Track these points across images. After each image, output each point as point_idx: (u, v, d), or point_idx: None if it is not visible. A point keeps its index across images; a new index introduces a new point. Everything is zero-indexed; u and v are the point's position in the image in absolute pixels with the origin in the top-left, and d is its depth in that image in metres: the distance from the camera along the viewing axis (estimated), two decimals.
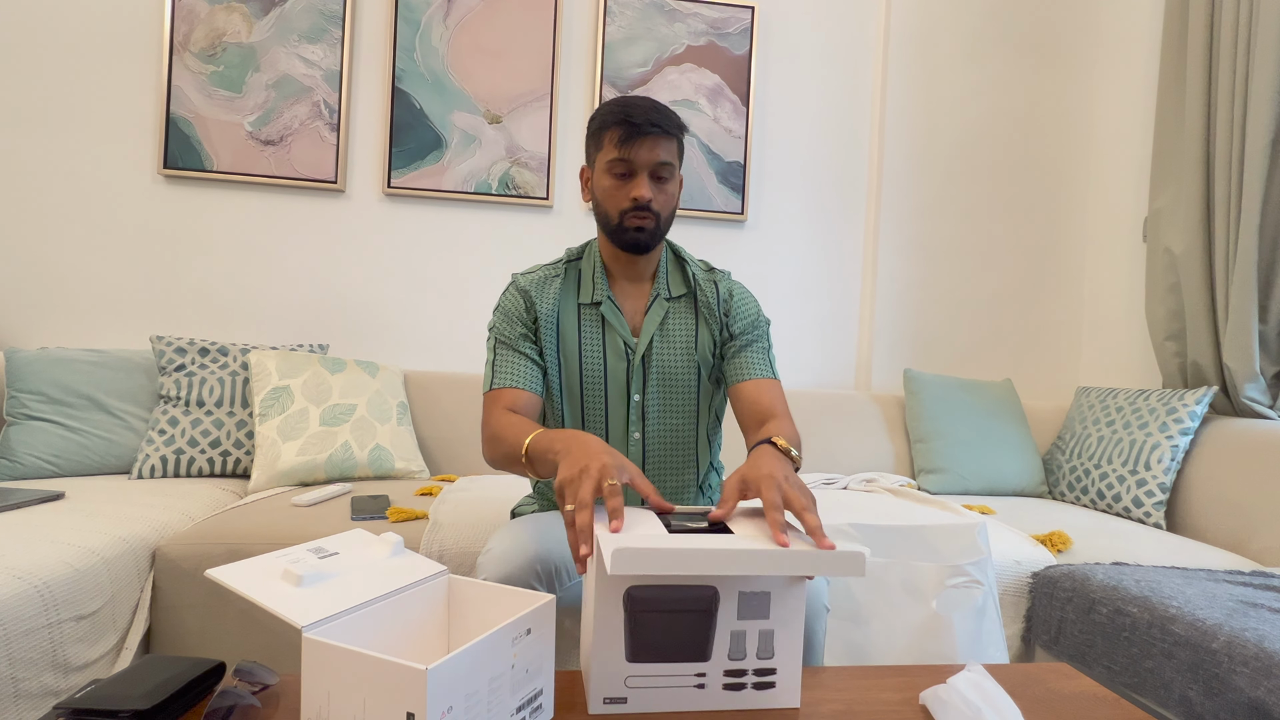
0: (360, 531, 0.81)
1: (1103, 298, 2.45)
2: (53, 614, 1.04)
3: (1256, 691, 0.97)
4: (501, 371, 1.07)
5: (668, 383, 1.11)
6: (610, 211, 1.06)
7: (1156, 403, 1.89)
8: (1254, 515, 1.64)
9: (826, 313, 2.47)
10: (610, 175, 1.04)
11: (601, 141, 1.05)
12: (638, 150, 1.02)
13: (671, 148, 1.05)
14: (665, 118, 1.03)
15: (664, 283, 1.14)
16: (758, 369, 1.10)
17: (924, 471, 2.11)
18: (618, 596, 0.68)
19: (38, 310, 2.03)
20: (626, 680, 0.70)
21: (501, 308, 1.11)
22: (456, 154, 2.19)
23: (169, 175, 2.07)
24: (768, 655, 0.72)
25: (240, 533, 1.33)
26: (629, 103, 1.03)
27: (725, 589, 0.70)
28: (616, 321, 1.10)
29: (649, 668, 0.70)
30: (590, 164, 1.11)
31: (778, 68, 2.40)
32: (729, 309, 1.14)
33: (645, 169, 1.03)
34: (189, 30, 2.05)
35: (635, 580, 0.68)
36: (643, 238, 1.05)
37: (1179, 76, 2.03)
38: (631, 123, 1.00)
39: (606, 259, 1.13)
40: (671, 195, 1.07)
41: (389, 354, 2.21)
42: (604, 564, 0.65)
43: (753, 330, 1.13)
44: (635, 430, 1.11)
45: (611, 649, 0.69)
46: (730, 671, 0.71)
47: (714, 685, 0.71)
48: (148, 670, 0.69)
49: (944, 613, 1.26)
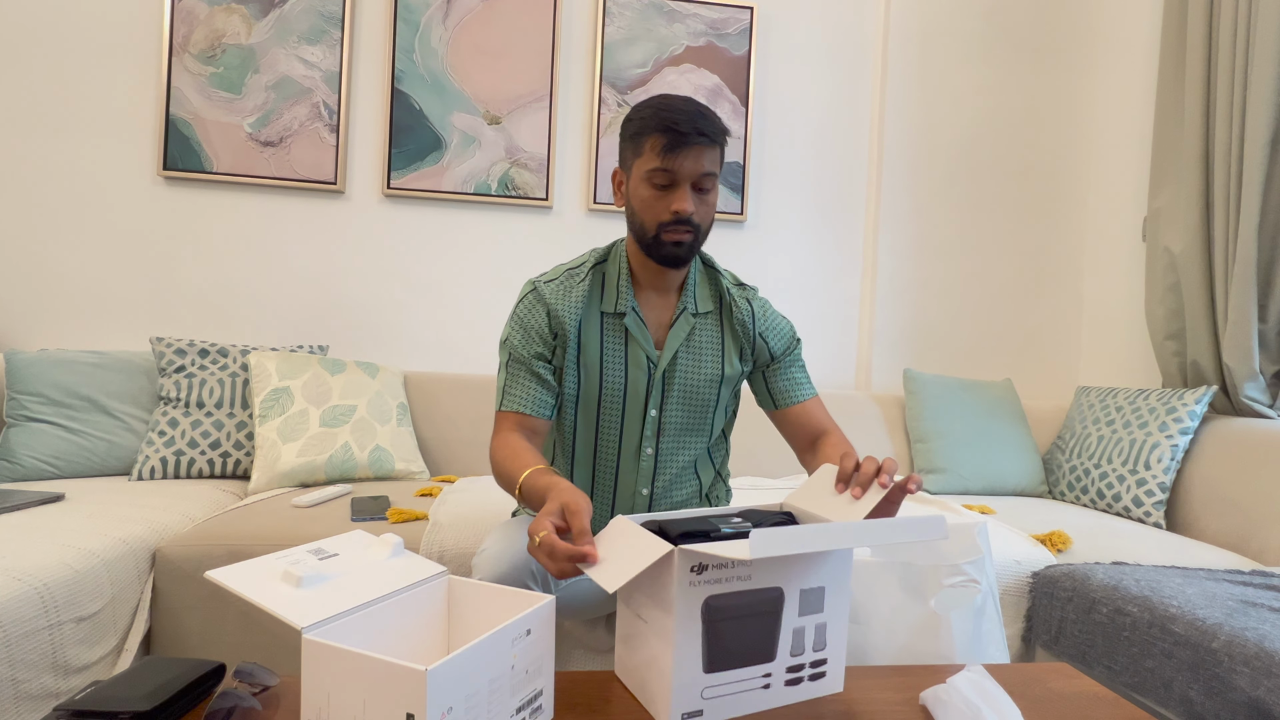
0: (360, 533, 0.81)
1: (1102, 297, 2.45)
2: (53, 615, 1.04)
3: (1257, 691, 0.97)
4: (512, 394, 1.04)
5: (688, 399, 1.08)
6: (647, 223, 1.00)
7: (1156, 402, 1.89)
8: (1254, 514, 1.64)
9: (826, 312, 2.47)
10: (650, 185, 0.98)
11: (641, 147, 0.98)
12: (681, 161, 0.95)
13: (715, 156, 0.99)
14: (711, 124, 0.97)
15: (692, 296, 1.08)
16: (804, 389, 1.12)
17: (924, 471, 2.10)
18: (697, 608, 0.68)
19: (38, 312, 2.03)
20: (703, 692, 0.70)
21: (519, 319, 1.06)
22: (456, 155, 2.19)
23: (169, 177, 2.07)
24: (821, 647, 0.74)
25: (240, 534, 1.33)
26: (672, 107, 0.96)
27: (789, 588, 0.71)
28: (640, 335, 1.06)
29: (723, 676, 0.71)
30: (625, 168, 1.04)
31: (777, 68, 2.40)
32: (765, 329, 1.10)
33: (688, 180, 0.97)
34: (188, 32, 2.05)
35: (714, 590, 0.69)
36: (681, 252, 1.00)
37: (1178, 75, 2.03)
38: (677, 131, 0.94)
39: (634, 266, 1.07)
40: (712, 206, 1.02)
41: (389, 355, 2.21)
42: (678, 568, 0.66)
43: (793, 350, 1.12)
44: (649, 445, 1.08)
45: (690, 662, 0.69)
46: (791, 668, 0.73)
47: (778, 683, 0.73)
48: (148, 672, 0.69)
49: (941, 612, 1.26)
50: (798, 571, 0.72)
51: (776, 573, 0.71)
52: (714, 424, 1.12)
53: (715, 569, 0.68)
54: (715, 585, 0.68)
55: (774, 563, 0.70)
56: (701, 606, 0.68)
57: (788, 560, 0.71)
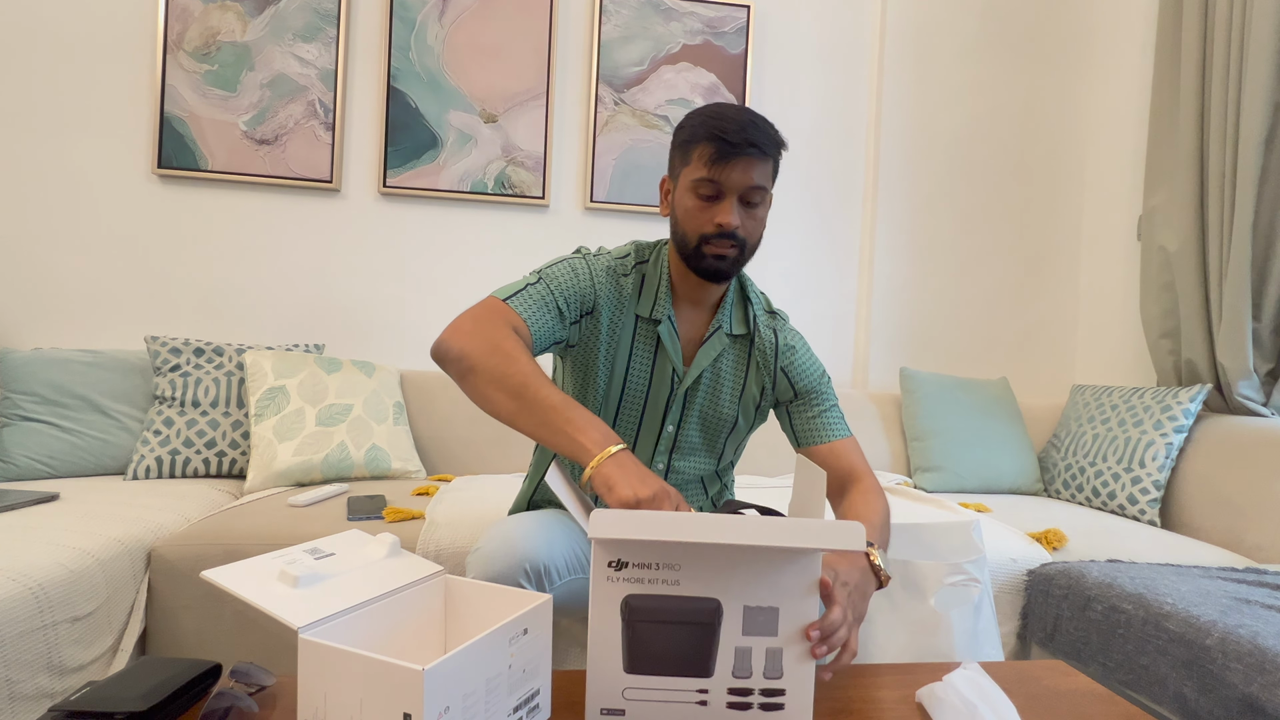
0: (357, 532, 0.81)
1: (1098, 296, 2.46)
2: (48, 616, 1.04)
3: (1250, 687, 0.98)
4: (529, 304, 0.93)
5: (706, 422, 1.06)
6: (689, 234, 0.96)
7: (1151, 400, 1.90)
8: (1247, 512, 1.65)
9: (823, 311, 2.47)
10: (695, 195, 0.94)
11: (689, 156, 0.94)
12: (729, 172, 0.91)
13: (766, 170, 0.94)
14: (763, 135, 0.92)
15: (727, 317, 1.05)
16: (835, 429, 1.06)
17: (920, 469, 2.11)
18: (615, 605, 0.66)
19: (32, 311, 2.02)
20: (624, 692, 0.68)
21: (570, 266, 0.99)
22: (452, 153, 2.19)
23: (163, 175, 2.06)
24: (776, 675, 0.68)
25: (236, 533, 1.33)
26: (723, 115, 0.92)
27: (729, 602, 0.67)
28: (672, 347, 1.02)
29: (648, 680, 0.67)
30: (673, 176, 1.00)
31: (773, 67, 2.40)
32: (788, 365, 1.07)
33: (735, 193, 0.92)
34: (183, 29, 2.04)
35: (634, 589, 0.67)
36: (723, 266, 0.96)
37: (1173, 75, 2.04)
38: (726, 140, 0.90)
39: (674, 275, 1.03)
40: (761, 221, 0.97)
41: (385, 354, 2.21)
42: (594, 559, 0.65)
43: (820, 388, 1.08)
44: (660, 461, 1.06)
45: (609, 659, 0.67)
46: (735, 690, 0.68)
47: (717, 703, 0.68)
48: (144, 672, 0.69)
49: (942, 610, 1.26)
50: (739, 585, 0.67)
51: (710, 583, 0.66)
52: (726, 449, 1.10)
53: (636, 568, 0.66)
54: (636, 585, 0.66)
55: (707, 572, 0.67)
56: (621, 605, 0.66)
57: (724, 572, 0.67)
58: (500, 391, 0.83)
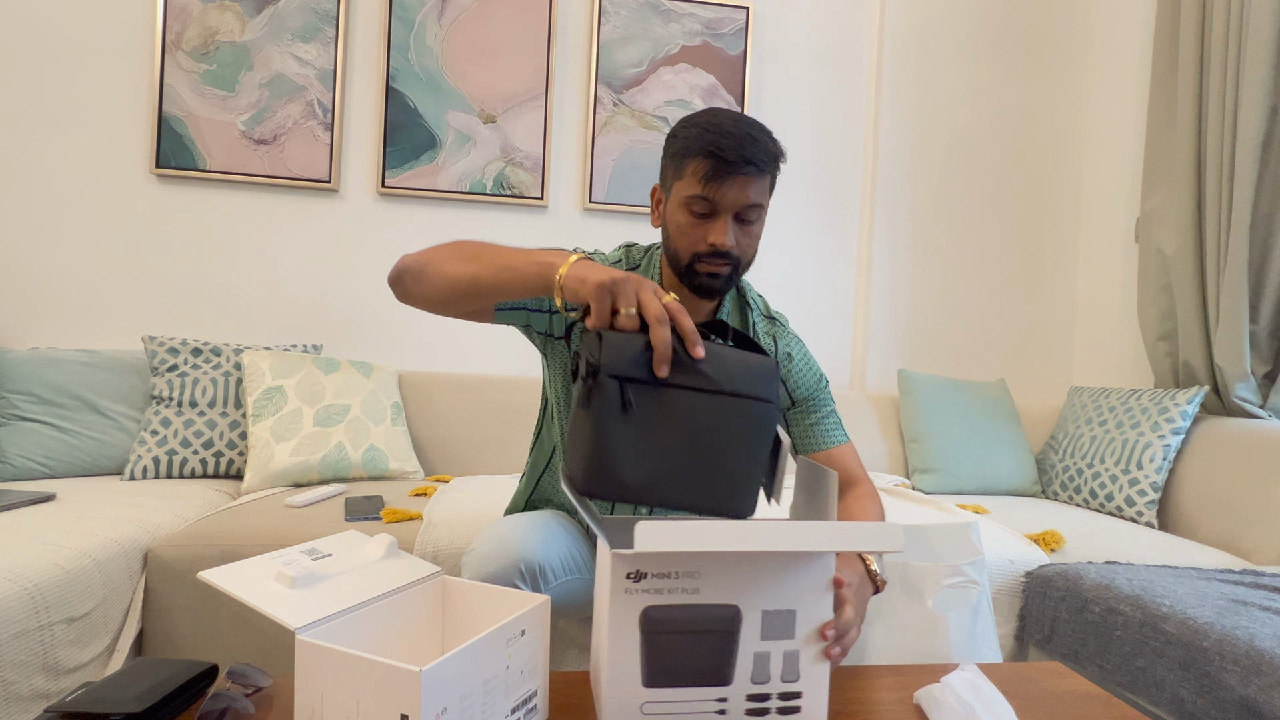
0: (354, 533, 0.81)
1: (1095, 298, 2.46)
2: (44, 616, 1.03)
3: (1247, 690, 0.98)
4: None
5: None
6: (681, 251, 0.92)
7: (1148, 402, 1.90)
8: (1245, 514, 1.65)
9: (821, 312, 2.47)
10: (688, 212, 0.90)
11: (682, 169, 0.90)
12: (724, 190, 0.87)
13: (763, 186, 0.90)
14: (761, 151, 0.87)
15: None
16: (832, 436, 1.05)
17: (918, 471, 2.11)
18: (633, 617, 0.64)
19: (28, 310, 2.01)
20: (643, 707, 0.65)
21: (589, 256, 0.96)
22: (451, 154, 2.19)
23: (161, 174, 2.05)
24: (793, 678, 0.67)
25: (233, 534, 1.33)
26: (719, 128, 0.87)
27: (748, 608, 0.65)
28: None
29: (666, 693, 0.65)
30: (665, 187, 0.95)
31: (772, 68, 2.40)
32: (785, 374, 1.05)
33: (729, 211, 0.89)
34: (181, 29, 2.04)
35: (653, 600, 0.64)
36: (716, 285, 0.92)
37: (1170, 78, 2.05)
38: (721, 158, 0.86)
39: (666, 284, 1.00)
40: (756, 237, 0.93)
41: (383, 354, 2.21)
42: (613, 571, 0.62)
43: (818, 395, 1.06)
44: None
45: (626, 674, 0.65)
46: (753, 696, 0.67)
47: (736, 711, 0.67)
48: (140, 673, 0.69)
49: (940, 612, 1.26)
50: (757, 590, 0.65)
51: (730, 590, 0.65)
52: None
53: (655, 578, 0.63)
54: (655, 596, 0.64)
55: (727, 579, 0.65)
56: (640, 617, 0.64)
57: (744, 577, 0.65)
58: (456, 262, 0.81)
